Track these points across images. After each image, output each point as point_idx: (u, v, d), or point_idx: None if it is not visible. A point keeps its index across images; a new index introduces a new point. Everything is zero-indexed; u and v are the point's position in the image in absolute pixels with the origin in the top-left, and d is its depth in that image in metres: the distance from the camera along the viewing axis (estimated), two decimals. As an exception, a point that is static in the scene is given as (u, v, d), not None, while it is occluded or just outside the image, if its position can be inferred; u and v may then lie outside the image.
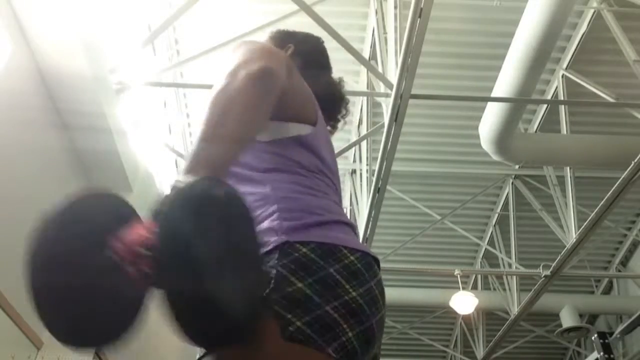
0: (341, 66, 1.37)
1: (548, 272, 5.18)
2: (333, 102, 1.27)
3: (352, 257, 0.89)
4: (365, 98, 4.76)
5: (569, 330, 6.66)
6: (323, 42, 1.38)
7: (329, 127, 1.26)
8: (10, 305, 2.48)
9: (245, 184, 0.97)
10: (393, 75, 3.42)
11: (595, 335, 5.14)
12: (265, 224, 0.90)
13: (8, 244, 2.49)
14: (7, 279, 2.46)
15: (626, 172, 3.91)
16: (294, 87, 1.01)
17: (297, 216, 0.91)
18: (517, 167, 5.67)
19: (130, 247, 0.69)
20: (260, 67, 0.87)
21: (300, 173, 1.00)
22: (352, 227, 1.00)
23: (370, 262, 0.93)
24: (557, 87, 4.96)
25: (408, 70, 3.21)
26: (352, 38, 4.08)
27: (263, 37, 1.35)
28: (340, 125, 1.31)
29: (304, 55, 1.24)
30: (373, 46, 4.41)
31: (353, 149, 5.22)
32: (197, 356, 0.85)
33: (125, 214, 0.77)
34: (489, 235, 6.59)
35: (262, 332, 0.77)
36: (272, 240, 0.87)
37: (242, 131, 0.83)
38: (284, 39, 1.29)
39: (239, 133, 0.82)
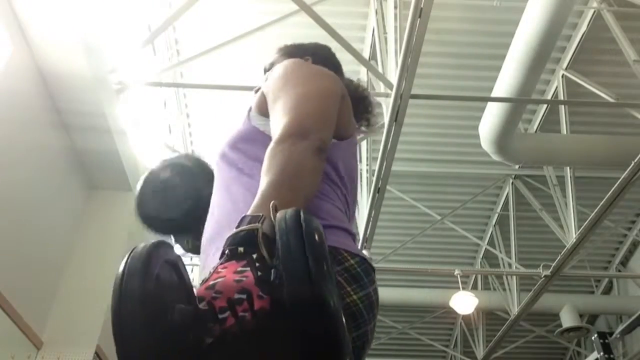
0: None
1: (548, 272, 5.17)
2: (363, 104, 1.29)
3: (352, 261, 0.89)
4: (365, 98, 4.75)
5: (569, 330, 6.66)
6: (332, 49, 1.41)
7: (364, 128, 1.30)
8: (10, 305, 2.48)
9: (256, 179, 0.98)
10: (393, 75, 3.42)
11: (595, 335, 5.15)
12: None
13: (8, 244, 2.50)
14: (7, 279, 2.46)
15: (626, 172, 3.91)
16: (342, 110, 1.06)
17: None
18: (517, 167, 5.67)
19: (229, 294, 0.62)
20: (327, 137, 0.93)
21: None
22: (352, 235, 1.00)
23: (368, 269, 0.93)
24: (557, 87, 4.96)
25: (408, 70, 3.21)
26: (352, 38, 4.08)
27: (273, 53, 1.38)
28: (373, 121, 1.33)
29: (322, 63, 1.24)
30: (373, 46, 4.41)
31: (353, 149, 5.22)
32: None
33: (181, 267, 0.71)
34: (489, 235, 6.59)
35: None
36: None
37: (310, 190, 0.86)
38: (298, 53, 1.30)
39: (308, 192, 0.85)
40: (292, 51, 1.33)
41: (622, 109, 4.62)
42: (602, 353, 4.91)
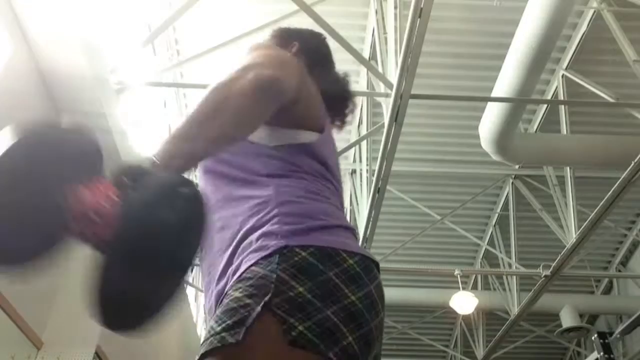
0: (341, 66, 1.35)
1: (548, 272, 5.18)
2: (340, 100, 1.26)
3: (350, 261, 0.89)
4: (365, 98, 4.76)
5: (569, 330, 6.66)
6: (325, 38, 1.38)
7: (337, 124, 1.26)
8: (10, 305, 2.48)
9: (248, 187, 0.98)
10: (393, 75, 3.42)
11: (595, 335, 5.13)
12: (266, 228, 0.90)
13: (8, 244, 2.50)
14: (7, 279, 2.46)
15: (626, 172, 3.91)
16: (305, 96, 1.02)
17: (297, 220, 0.91)
18: (517, 167, 5.67)
19: (85, 209, 0.71)
20: (270, 75, 0.88)
21: (304, 178, 1.01)
22: (352, 231, 1.00)
23: (370, 266, 0.93)
24: (557, 87, 4.96)
25: (408, 70, 3.21)
26: (352, 38, 4.09)
27: (265, 35, 1.33)
28: (348, 120, 1.30)
29: (309, 52, 1.22)
30: (373, 46, 4.41)
31: (353, 149, 5.22)
32: (197, 357, 0.85)
33: (90, 162, 0.80)
34: (489, 235, 6.59)
35: (264, 336, 0.77)
36: (272, 244, 0.87)
37: (226, 132, 0.85)
38: (287, 36, 1.28)
39: (222, 133, 0.85)
40: (282, 35, 1.29)
41: (622, 109, 4.62)
42: (602, 353, 4.90)
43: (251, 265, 0.86)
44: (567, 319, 6.64)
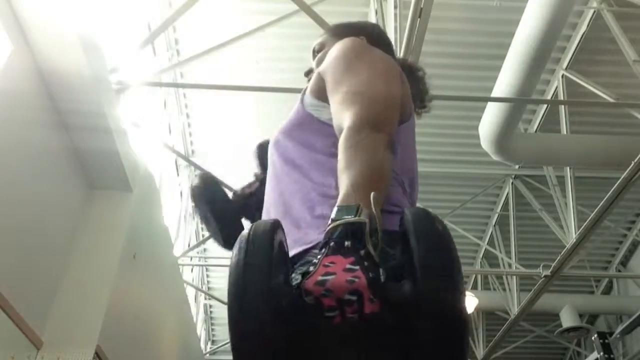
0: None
1: (548, 272, 5.17)
2: (416, 86, 1.26)
3: None
4: (365, 98, 4.75)
5: (569, 330, 6.66)
6: (381, 27, 1.37)
7: (423, 109, 1.30)
8: (10, 305, 2.48)
9: (321, 170, 0.96)
10: (393, 75, 3.41)
11: (595, 335, 5.15)
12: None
13: (8, 244, 2.49)
14: (7, 279, 2.46)
15: (626, 172, 3.91)
16: (404, 94, 1.04)
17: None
18: (517, 167, 5.68)
19: (338, 294, 0.64)
20: (391, 134, 0.89)
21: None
22: None
23: None
24: (557, 87, 4.96)
25: (408, 70, 3.20)
26: (352, 38, 4.08)
27: (323, 34, 1.30)
28: (427, 101, 1.32)
29: (377, 45, 1.19)
30: (373, 46, 4.40)
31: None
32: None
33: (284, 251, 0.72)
34: (488, 235, 6.59)
35: None
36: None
37: (388, 187, 0.85)
38: (351, 33, 1.23)
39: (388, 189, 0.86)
40: (344, 31, 1.26)
41: (622, 109, 4.62)
42: (602, 353, 4.91)
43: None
44: (567, 319, 6.64)
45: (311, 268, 0.67)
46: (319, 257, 0.68)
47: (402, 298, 0.65)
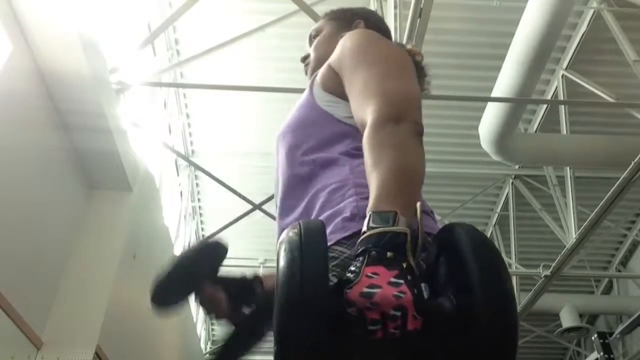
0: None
1: (548, 272, 5.17)
2: (419, 72, 1.23)
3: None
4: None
5: (569, 330, 6.65)
6: (377, 13, 1.36)
7: (423, 92, 1.24)
8: (10, 305, 2.48)
9: (333, 168, 0.95)
10: (393, 75, 3.41)
11: (595, 335, 5.13)
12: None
13: (8, 244, 2.49)
14: (7, 279, 2.46)
15: (626, 172, 3.90)
16: None
17: None
18: (517, 167, 5.67)
19: (384, 309, 0.63)
20: (417, 122, 0.85)
21: None
22: (433, 214, 0.99)
23: None
24: (557, 87, 4.96)
25: (408, 70, 3.20)
26: (352, 38, 4.07)
27: (322, 19, 1.28)
28: (427, 87, 1.28)
29: (375, 28, 1.18)
30: (373, 46, 4.40)
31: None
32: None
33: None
34: (488, 235, 6.59)
35: None
36: (352, 225, 0.84)
37: (422, 182, 0.82)
38: (348, 17, 1.24)
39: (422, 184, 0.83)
40: (341, 16, 1.25)
41: (622, 109, 4.62)
42: (602, 353, 4.90)
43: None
44: (567, 319, 6.64)
45: (349, 275, 0.66)
46: (357, 264, 0.67)
47: (446, 316, 0.64)
